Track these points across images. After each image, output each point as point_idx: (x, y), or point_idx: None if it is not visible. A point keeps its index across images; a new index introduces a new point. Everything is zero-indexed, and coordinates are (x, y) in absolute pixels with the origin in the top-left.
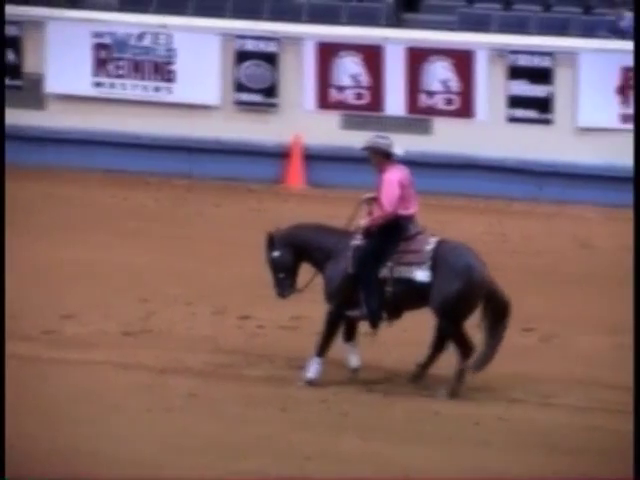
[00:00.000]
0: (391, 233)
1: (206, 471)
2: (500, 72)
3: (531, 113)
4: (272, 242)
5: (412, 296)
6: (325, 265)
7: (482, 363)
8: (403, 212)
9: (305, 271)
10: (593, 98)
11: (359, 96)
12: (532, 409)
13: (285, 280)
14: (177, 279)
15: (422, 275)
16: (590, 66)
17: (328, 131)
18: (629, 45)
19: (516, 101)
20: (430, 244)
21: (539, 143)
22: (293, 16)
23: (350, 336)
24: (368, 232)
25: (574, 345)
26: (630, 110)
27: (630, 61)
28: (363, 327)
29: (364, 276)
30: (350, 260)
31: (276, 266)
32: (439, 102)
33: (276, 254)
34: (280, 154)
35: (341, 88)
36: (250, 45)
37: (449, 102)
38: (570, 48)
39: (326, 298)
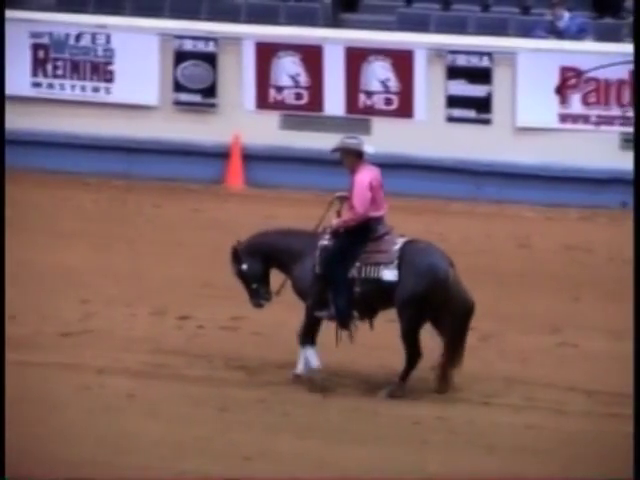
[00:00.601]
0: (359, 234)
1: (146, 471)
2: (439, 72)
3: (470, 113)
4: (237, 255)
5: (380, 296)
6: (292, 267)
7: (453, 363)
8: (373, 213)
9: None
10: (532, 98)
11: (298, 96)
12: (471, 408)
13: (259, 289)
14: (116, 280)
15: (389, 275)
16: (528, 66)
17: (267, 131)
18: (567, 45)
19: (455, 101)
20: (397, 244)
21: (478, 143)
22: (232, 16)
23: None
24: (336, 232)
25: (513, 344)
26: (569, 110)
27: (568, 61)
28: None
29: (332, 276)
30: (317, 259)
31: (247, 278)
32: (378, 102)
33: (244, 266)
34: (219, 154)
35: (280, 88)
36: (189, 45)
37: (388, 102)
38: (508, 48)
39: (300, 297)
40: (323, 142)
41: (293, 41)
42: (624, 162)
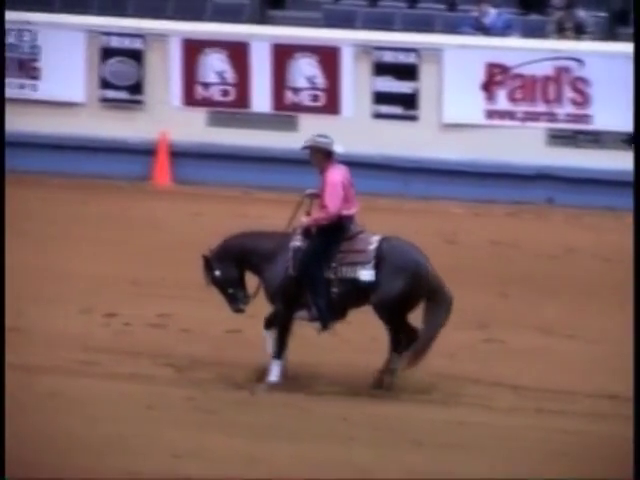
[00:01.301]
0: (333, 233)
1: (71, 470)
2: (365, 68)
3: (396, 109)
4: (209, 263)
5: (357, 296)
6: (263, 268)
7: (415, 358)
8: (345, 212)
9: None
10: (458, 94)
11: (225, 93)
12: (400, 404)
13: (236, 294)
14: (44, 278)
15: (366, 274)
16: (455, 62)
17: (194, 128)
18: (493, 41)
19: (381, 97)
20: (373, 243)
21: (405, 139)
22: (158, 13)
23: (271, 324)
24: (307, 232)
25: (440, 339)
26: (495, 106)
27: (494, 57)
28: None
29: (309, 278)
30: (291, 261)
31: (222, 284)
32: (305, 99)
33: (217, 273)
34: (146, 151)
35: (207, 85)
36: (115, 42)
37: (315, 98)
38: (435, 44)
39: (269, 299)
40: (250, 139)
41: (219, 37)
42: (550, 158)
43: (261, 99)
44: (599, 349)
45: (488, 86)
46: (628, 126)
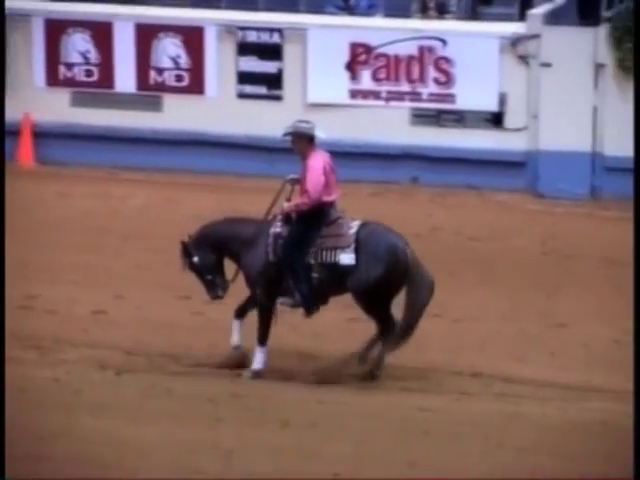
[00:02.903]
0: (313, 219)
1: None
2: (229, 48)
3: (261, 89)
4: (187, 249)
5: (338, 280)
6: (242, 255)
7: (399, 342)
8: (326, 198)
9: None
10: (322, 74)
11: (89, 73)
12: (266, 385)
13: (214, 281)
14: None
15: (347, 258)
16: (319, 42)
17: (58, 108)
18: (357, 21)
19: (246, 77)
20: (353, 227)
21: (269, 119)
22: None
23: (242, 313)
24: (288, 218)
25: (306, 320)
26: (359, 86)
27: (358, 37)
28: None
29: (290, 264)
30: (271, 247)
31: (200, 270)
32: (169, 79)
33: (195, 259)
34: (10, 132)
35: (70, 65)
36: None
37: (179, 79)
38: (299, 24)
39: (248, 285)
40: (114, 119)
41: (83, 17)
42: (414, 138)
43: (125, 79)
44: (463, 327)
45: (352, 66)
46: (491, 105)
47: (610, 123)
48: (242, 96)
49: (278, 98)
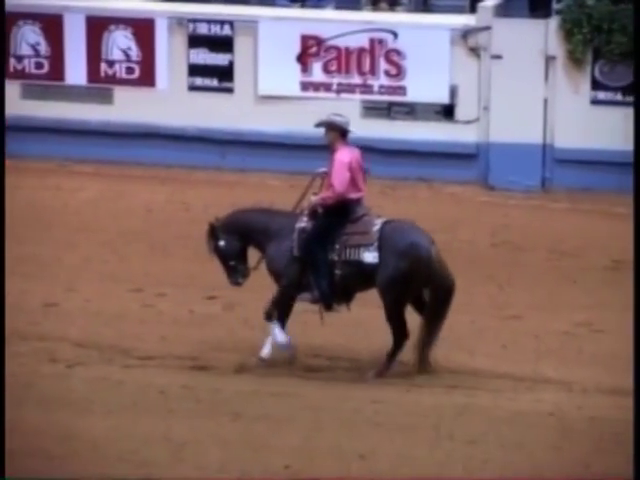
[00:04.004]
0: (338, 215)
1: None
2: (180, 41)
3: (212, 82)
4: (214, 232)
5: (361, 278)
6: (268, 246)
7: (428, 343)
8: (352, 195)
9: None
10: (273, 66)
11: (39, 65)
12: (217, 377)
13: (236, 267)
14: None
15: (370, 257)
16: (270, 34)
17: (8, 101)
18: (308, 13)
19: (197, 70)
20: (376, 225)
21: (220, 111)
22: None
23: (270, 316)
24: (314, 213)
25: (257, 312)
26: (310, 78)
27: (309, 29)
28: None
29: (312, 259)
30: (295, 242)
31: (224, 255)
32: (120, 71)
33: (221, 243)
34: None
35: (20, 57)
36: None
37: (130, 71)
38: (250, 16)
39: (273, 278)
40: (65, 111)
41: (33, 10)
42: (365, 130)
43: (76, 72)
44: (415, 319)
45: (303, 58)
46: (442, 98)
47: (561, 115)
48: (193, 88)
49: (229, 90)
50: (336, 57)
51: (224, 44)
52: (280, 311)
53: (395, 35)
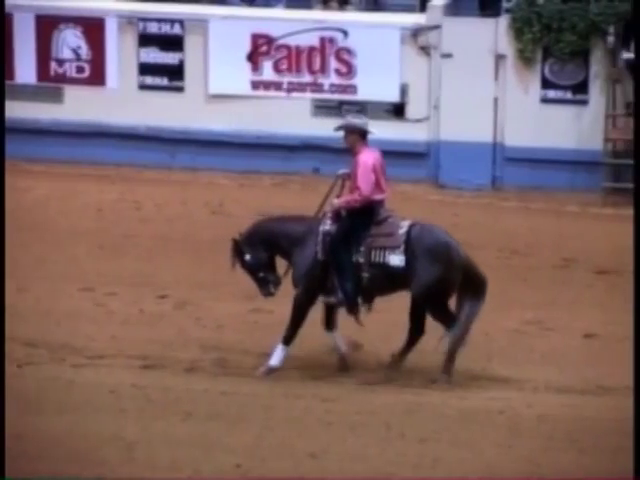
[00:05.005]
0: (363, 217)
1: None
2: (130, 40)
3: (162, 80)
4: (239, 248)
5: (386, 280)
6: (293, 252)
7: (458, 342)
8: (376, 196)
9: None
10: (224, 65)
11: None
12: (168, 376)
13: (266, 278)
14: None
15: (396, 259)
16: (220, 33)
17: None
18: (258, 12)
19: (147, 68)
20: (403, 228)
21: (171, 110)
22: None
23: (330, 324)
24: (337, 216)
25: (208, 311)
26: (260, 77)
27: (260, 27)
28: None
29: (337, 262)
30: (320, 245)
31: (252, 268)
32: (70, 70)
33: (248, 257)
34: None
35: None
36: None
37: (80, 70)
38: (200, 15)
39: (293, 283)
40: (15, 110)
41: None
42: (316, 128)
43: (26, 70)
44: (367, 318)
45: (253, 57)
46: (392, 96)
47: (511, 114)
48: (143, 87)
49: (179, 89)
50: (286, 56)
51: (174, 43)
52: (297, 323)
53: (345, 34)
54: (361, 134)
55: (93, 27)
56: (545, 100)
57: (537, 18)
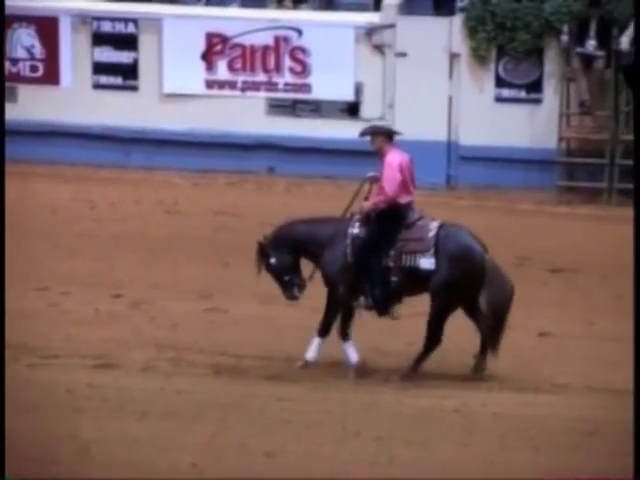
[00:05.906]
0: (391, 221)
1: None
2: (84, 39)
3: (116, 80)
4: (264, 250)
5: (416, 284)
6: (321, 255)
7: (494, 345)
8: (404, 198)
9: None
10: (178, 64)
11: None
12: (123, 375)
13: (292, 281)
14: None
15: (427, 263)
16: (174, 32)
17: None
18: (213, 11)
19: (101, 68)
20: (432, 230)
21: (125, 109)
22: None
23: (346, 335)
24: (367, 219)
25: (163, 310)
26: (215, 76)
27: (214, 27)
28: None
29: (367, 265)
30: (350, 248)
31: (277, 271)
32: (23, 69)
33: (273, 260)
34: None
35: None
36: None
37: (34, 69)
38: (154, 14)
39: (326, 284)
40: None
41: None
42: (270, 128)
43: None
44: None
45: (208, 56)
46: (347, 95)
47: (465, 112)
48: (97, 86)
49: (134, 88)
50: (241, 55)
51: (128, 42)
52: (333, 319)
53: (300, 33)
54: (388, 136)
55: (47, 26)
56: (499, 99)
57: (491, 17)
